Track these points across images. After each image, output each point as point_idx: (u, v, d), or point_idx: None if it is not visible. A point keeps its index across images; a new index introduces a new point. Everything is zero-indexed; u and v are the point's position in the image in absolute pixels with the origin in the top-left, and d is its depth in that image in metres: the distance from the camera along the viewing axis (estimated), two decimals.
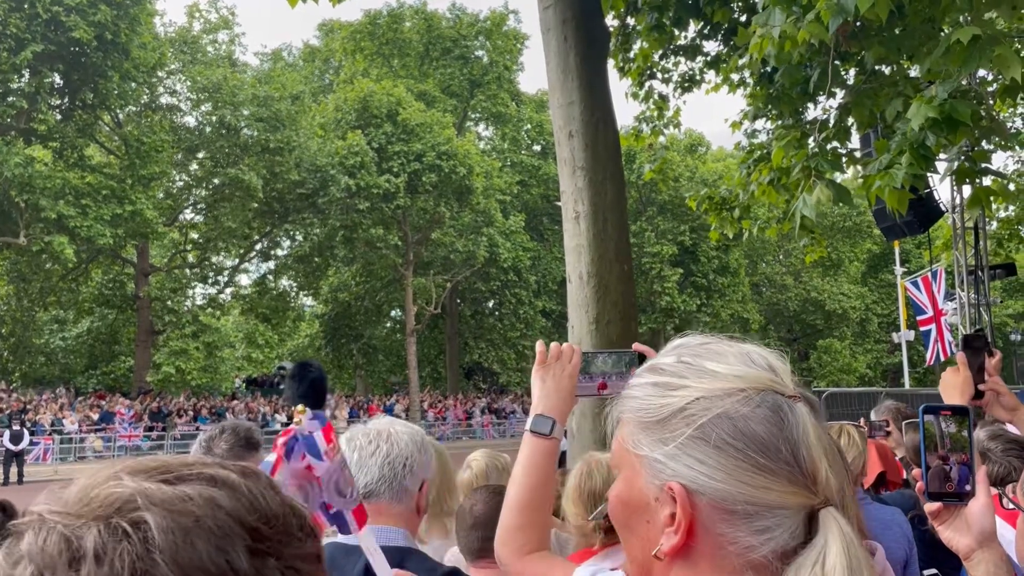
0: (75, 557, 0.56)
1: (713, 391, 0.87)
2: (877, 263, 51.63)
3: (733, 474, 0.83)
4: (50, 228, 27.00)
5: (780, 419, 0.85)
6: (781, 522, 0.83)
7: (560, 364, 1.63)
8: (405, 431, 1.98)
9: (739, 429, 0.84)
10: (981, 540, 1.36)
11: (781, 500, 0.83)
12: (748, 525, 0.83)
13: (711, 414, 0.85)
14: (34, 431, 24.63)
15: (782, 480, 0.83)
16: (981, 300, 14.22)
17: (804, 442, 0.84)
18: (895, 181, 4.82)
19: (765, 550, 0.82)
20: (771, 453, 0.83)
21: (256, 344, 36.29)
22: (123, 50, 27.75)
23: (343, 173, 33.44)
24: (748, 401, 0.86)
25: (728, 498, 0.83)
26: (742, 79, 9.58)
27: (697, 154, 46.83)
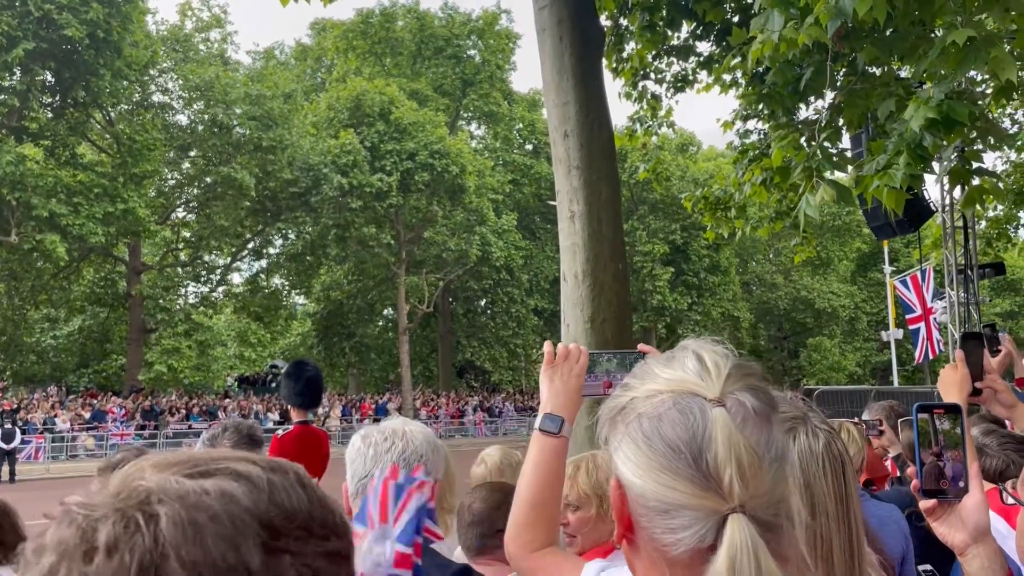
0: (89, 549, 0.57)
1: (644, 393, 0.93)
2: (866, 262, 51.87)
3: (646, 471, 0.88)
4: (42, 226, 26.90)
5: (688, 422, 0.88)
6: (688, 524, 0.85)
7: (568, 364, 1.67)
8: (419, 431, 2.02)
9: (653, 429, 0.89)
10: (976, 536, 1.39)
11: (685, 501, 0.85)
12: (662, 522, 0.87)
13: (635, 414, 0.91)
14: (26, 430, 24.55)
15: (684, 481, 0.86)
16: (970, 299, 14.35)
17: (709, 447, 0.86)
18: (894, 181, 4.89)
19: (680, 549, 0.86)
20: (675, 454, 0.87)
21: (248, 343, 36.28)
22: (115, 48, 27.66)
23: (336, 172, 33.41)
24: (663, 403, 0.90)
25: (643, 494, 0.88)
26: (734, 79, 9.65)
27: (688, 153, 46.98)
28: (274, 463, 0.68)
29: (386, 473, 1.06)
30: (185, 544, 0.57)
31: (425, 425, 2.12)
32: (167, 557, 0.57)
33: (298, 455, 5.92)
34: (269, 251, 39.09)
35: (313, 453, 6.14)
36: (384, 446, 1.96)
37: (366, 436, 2.01)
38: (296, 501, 0.65)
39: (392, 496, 1.02)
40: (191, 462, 0.65)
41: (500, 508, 2.48)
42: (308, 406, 6.38)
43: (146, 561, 0.56)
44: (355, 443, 2.01)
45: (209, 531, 0.59)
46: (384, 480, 1.03)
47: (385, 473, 1.06)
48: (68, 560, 0.57)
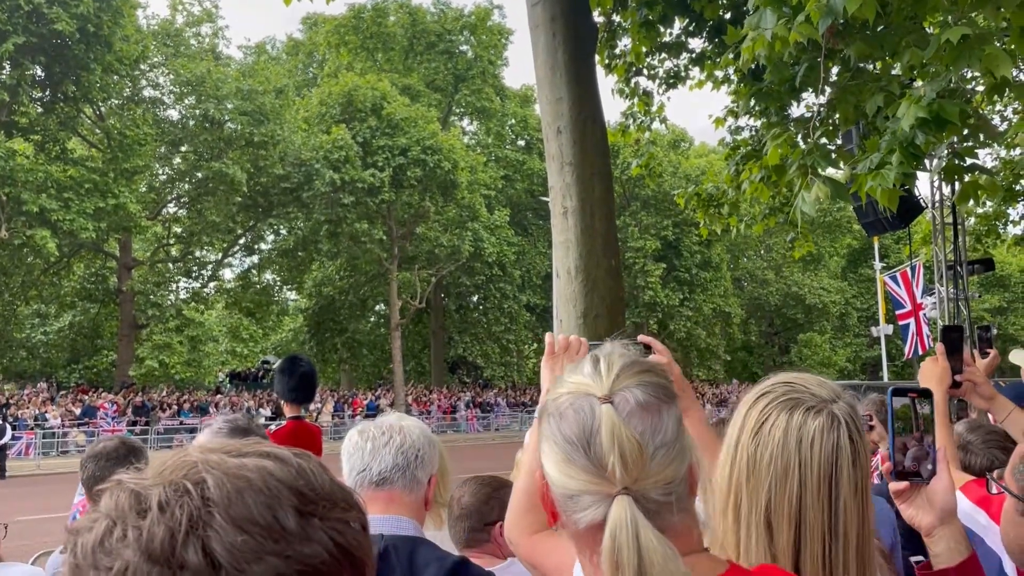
0: (142, 508, 0.65)
1: (554, 396, 1.08)
2: (857, 258, 52.11)
3: (554, 463, 1.03)
4: (32, 222, 26.77)
5: (580, 419, 1.02)
6: (587, 505, 0.99)
7: (568, 355, 1.72)
8: (415, 425, 2.04)
9: (556, 426, 1.04)
10: (943, 517, 1.44)
11: (581, 487, 0.99)
12: (570, 504, 1.01)
13: (546, 414, 1.07)
14: (16, 426, 24.46)
15: (579, 470, 1.00)
16: (960, 295, 14.45)
17: (596, 439, 0.99)
18: (887, 181, 4.94)
19: (582, 525, 1.00)
20: (571, 447, 1.01)
21: (240, 338, 36.20)
22: (105, 43, 27.52)
23: (327, 167, 33.33)
24: (563, 404, 1.05)
25: (554, 482, 1.03)
26: (726, 76, 9.68)
27: (680, 150, 47.05)
28: (299, 451, 0.75)
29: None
30: (230, 504, 0.65)
31: (420, 421, 2.14)
32: (213, 514, 0.65)
33: None
34: (261, 247, 38.98)
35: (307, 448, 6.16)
36: (382, 440, 1.98)
37: (364, 431, 2.02)
38: (321, 479, 0.73)
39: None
40: (228, 447, 0.73)
41: (488, 502, 2.50)
42: (302, 401, 6.39)
43: (195, 516, 0.64)
44: (352, 438, 2.02)
45: (250, 494, 0.67)
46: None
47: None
48: (122, 520, 0.65)
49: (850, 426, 1.29)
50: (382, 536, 1.87)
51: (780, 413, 1.30)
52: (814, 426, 1.28)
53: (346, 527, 0.72)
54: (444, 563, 1.89)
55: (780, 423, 1.29)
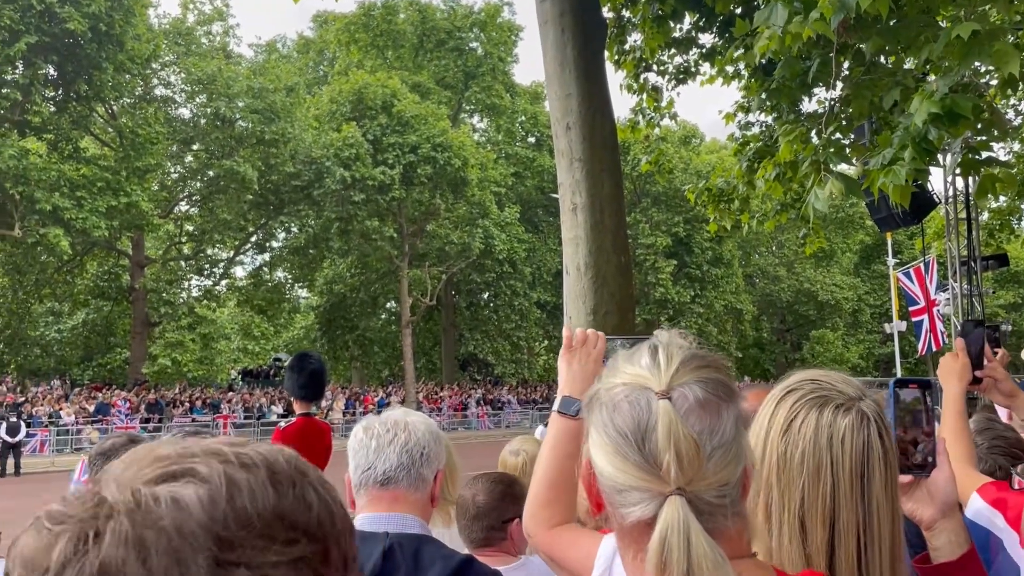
0: (44, 570, 0.57)
1: (607, 385, 1.04)
2: (869, 254, 51.79)
3: (604, 454, 0.99)
4: (45, 220, 26.93)
5: (635, 413, 0.98)
6: (636, 501, 0.97)
7: (586, 349, 1.73)
8: (421, 421, 2.02)
9: (609, 417, 1.00)
10: (944, 510, 1.41)
11: (632, 482, 0.97)
12: (618, 498, 0.99)
13: (599, 403, 1.03)
14: (31, 423, 24.64)
15: (631, 465, 0.97)
16: (974, 290, 14.33)
17: (651, 435, 0.96)
18: (900, 178, 4.88)
19: (630, 520, 0.97)
20: (624, 441, 0.98)
21: (252, 336, 36.34)
22: (117, 42, 27.63)
23: (338, 165, 33.39)
24: (618, 395, 1.01)
25: (603, 473, 1.00)
26: (737, 71, 9.63)
27: (691, 146, 46.88)
28: (248, 458, 0.65)
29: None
30: (127, 565, 0.56)
31: (426, 416, 2.12)
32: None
33: (300, 448, 5.91)
34: (272, 244, 39.11)
35: (316, 446, 6.16)
36: (387, 437, 1.95)
37: (368, 427, 2.00)
38: (261, 504, 0.62)
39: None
40: (164, 460, 0.63)
41: (504, 499, 2.49)
42: (311, 399, 6.40)
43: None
44: (357, 434, 2.00)
45: (154, 548, 0.57)
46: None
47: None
48: (26, 570, 0.57)
49: (879, 424, 1.28)
50: (387, 534, 1.86)
51: (809, 411, 1.29)
52: (844, 424, 1.26)
53: (282, 570, 0.61)
54: (449, 561, 1.87)
55: (810, 421, 1.28)
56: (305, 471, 0.68)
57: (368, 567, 1.80)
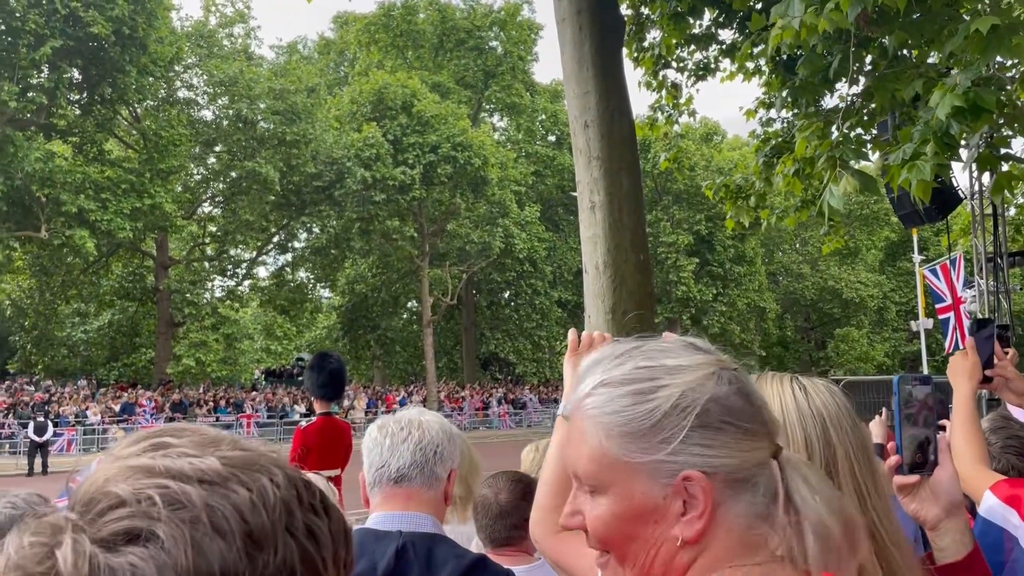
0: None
1: (693, 381, 0.95)
2: (895, 251, 51.20)
3: (735, 447, 0.93)
4: (71, 222, 27.27)
5: (746, 390, 0.96)
6: (768, 475, 0.95)
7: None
8: (435, 420, 2.02)
9: (726, 406, 0.94)
10: (950, 509, 1.38)
11: (764, 455, 0.95)
12: (750, 484, 0.93)
13: (702, 401, 0.93)
14: (58, 423, 24.98)
15: (762, 439, 0.95)
16: (1000, 287, 14.12)
17: (764, 403, 0.98)
18: (923, 173, 4.80)
19: (760, 499, 0.94)
20: (752, 419, 0.95)
21: (274, 336, 36.59)
22: (140, 45, 27.93)
23: (359, 165, 33.55)
24: (720, 380, 0.95)
25: (737, 469, 0.93)
26: (757, 67, 9.55)
27: (712, 143, 46.60)
28: (224, 519, 0.57)
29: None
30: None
31: (441, 415, 2.12)
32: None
33: (321, 446, 5.98)
34: (294, 245, 39.39)
35: (336, 444, 6.20)
36: (401, 436, 1.96)
37: (383, 426, 2.01)
38: (235, 571, 0.55)
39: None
40: (125, 507, 0.56)
41: (526, 497, 2.49)
42: (331, 398, 6.45)
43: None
44: (372, 433, 2.00)
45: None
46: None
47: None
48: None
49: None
50: (400, 533, 1.87)
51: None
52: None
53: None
54: (462, 561, 1.88)
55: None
56: (289, 514, 0.60)
57: (381, 566, 1.81)
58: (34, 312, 34.84)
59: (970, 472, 2.03)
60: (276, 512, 0.59)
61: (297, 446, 5.97)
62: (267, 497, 0.59)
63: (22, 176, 25.67)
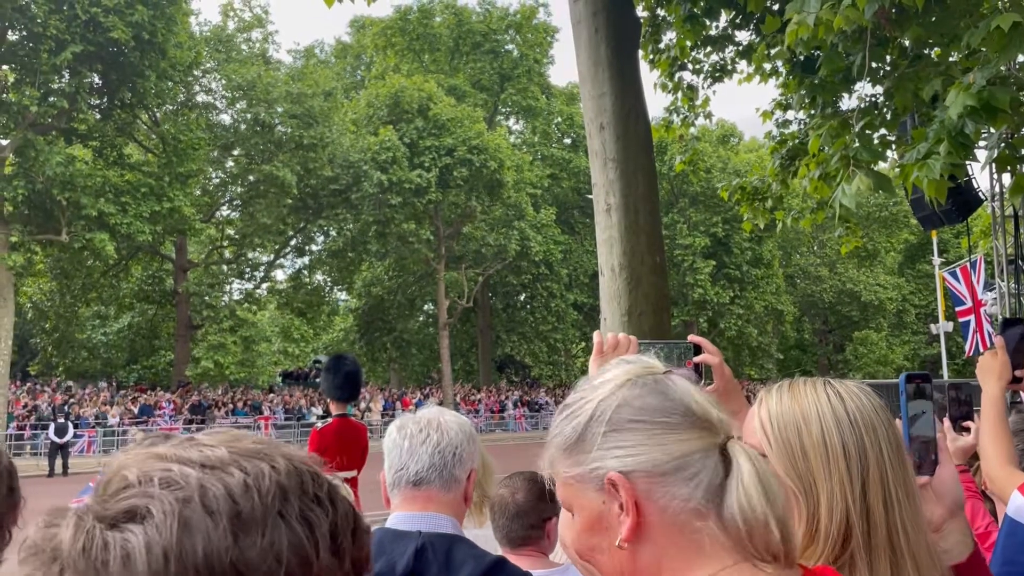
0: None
1: (606, 392, 1.03)
2: (914, 253, 50.77)
3: (650, 442, 0.98)
4: (91, 225, 27.53)
5: (663, 388, 1.02)
6: (702, 463, 0.97)
7: (616, 355, 1.65)
8: (454, 421, 2.00)
9: (637, 407, 1.00)
10: (953, 510, 1.36)
11: (692, 446, 0.97)
12: (679, 477, 0.97)
13: (612, 407, 1.01)
14: (78, 424, 25.21)
15: (685, 429, 0.98)
16: (1021, 290, 13.96)
17: (688, 397, 1.01)
18: (933, 172, 4.76)
19: (699, 494, 0.96)
20: (668, 413, 0.99)
21: (292, 338, 36.76)
22: (160, 50, 28.16)
23: (375, 168, 33.68)
24: (634, 386, 1.02)
25: (657, 462, 0.97)
26: (774, 68, 9.50)
27: (729, 145, 46.40)
28: (214, 499, 0.59)
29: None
30: None
31: (460, 415, 2.10)
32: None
33: (337, 448, 6.00)
34: (311, 248, 39.61)
35: (352, 446, 6.22)
36: (420, 438, 1.95)
37: (402, 427, 2.00)
38: (216, 556, 0.57)
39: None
40: (128, 488, 0.59)
41: (542, 497, 2.50)
42: (347, 399, 6.47)
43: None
44: (391, 434, 2.00)
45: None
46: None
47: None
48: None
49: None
50: (420, 533, 1.87)
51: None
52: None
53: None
54: (481, 562, 1.87)
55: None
56: (284, 502, 0.61)
57: (400, 565, 1.81)
58: (55, 315, 35.21)
59: (998, 472, 2.01)
60: (269, 496, 0.60)
61: (313, 447, 5.99)
62: (262, 481, 0.61)
63: (43, 180, 25.95)
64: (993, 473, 2.03)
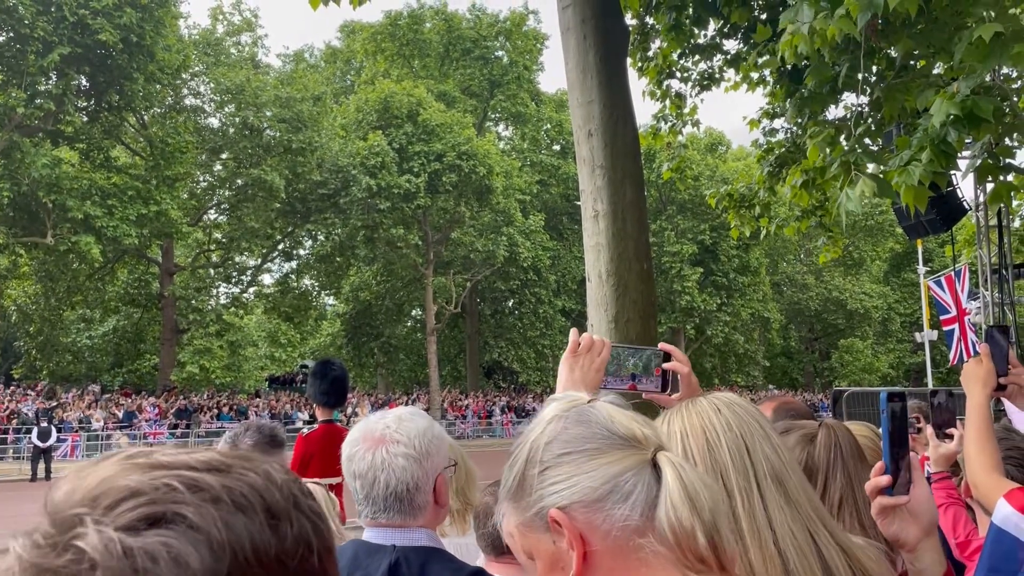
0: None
1: (538, 432, 1.04)
2: (900, 262, 51.16)
3: (579, 471, 0.98)
4: (77, 228, 27.37)
5: (584, 417, 1.02)
6: (635, 481, 0.97)
7: (590, 356, 1.65)
8: (400, 452, 1.88)
9: (563, 440, 1.01)
10: (928, 529, 1.36)
11: (621, 466, 0.97)
12: (614, 499, 0.96)
13: (542, 445, 1.02)
14: (61, 428, 24.99)
15: (612, 451, 0.98)
16: (1005, 299, 14.08)
17: (609, 419, 1.01)
18: (912, 179, 4.80)
19: (636, 512, 0.95)
20: (591, 439, 1.00)
21: (279, 343, 36.62)
22: (148, 52, 28.06)
23: (364, 173, 33.63)
24: (559, 420, 1.03)
25: (588, 490, 0.97)
26: (762, 77, 9.56)
27: (717, 153, 46.63)
28: (243, 496, 0.58)
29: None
30: None
31: (417, 415, 2.01)
32: None
33: (323, 453, 5.97)
34: (299, 252, 39.48)
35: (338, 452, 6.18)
36: (368, 480, 1.88)
37: (350, 459, 1.93)
38: (264, 553, 0.57)
39: None
40: (140, 495, 0.55)
41: None
42: (334, 405, 6.44)
43: None
44: (346, 466, 1.93)
45: None
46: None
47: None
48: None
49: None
50: (395, 547, 1.83)
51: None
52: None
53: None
54: (460, 574, 1.85)
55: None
56: (294, 495, 0.63)
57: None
58: (39, 318, 34.92)
59: (983, 479, 2.02)
60: (285, 490, 0.62)
61: (299, 453, 5.97)
62: (274, 478, 0.62)
63: (29, 182, 25.78)
64: (978, 480, 2.04)
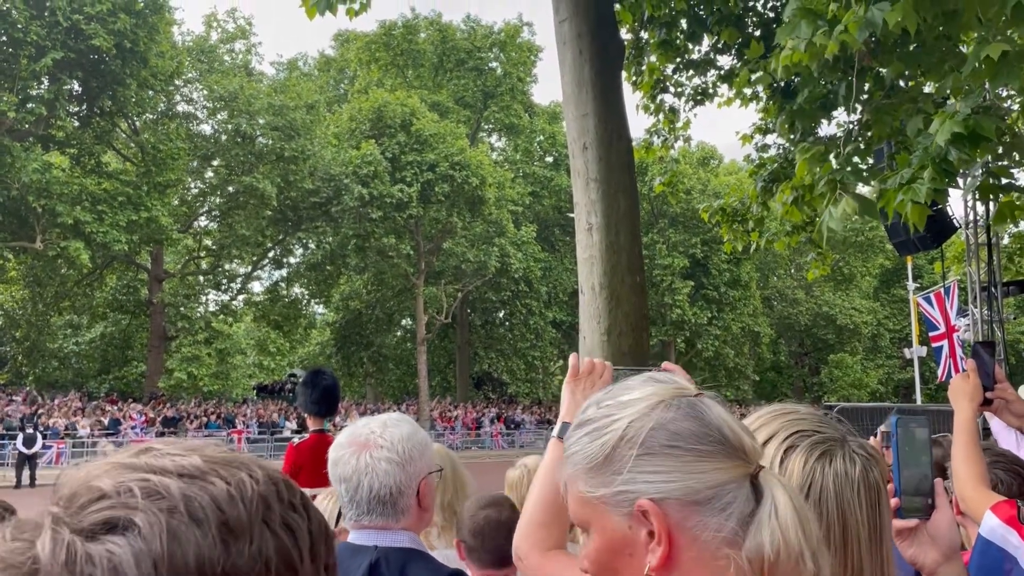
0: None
1: (638, 412, 0.98)
2: (889, 278, 51.42)
3: (685, 469, 0.94)
4: (66, 233, 27.23)
5: (698, 412, 0.97)
6: (735, 494, 0.94)
7: (591, 379, 1.69)
8: (383, 456, 1.91)
9: (672, 431, 0.95)
10: (948, 554, 1.36)
11: (727, 476, 0.94)
12: (712, 507, 0.93)
13: (646, 430, 0.96)
14: (47, 434, 24.77)
15: (720, 458, 0.95)
16: (994, 316, 14.16)
17: (723, 422, 0.97)
18: (918, 196, 4.82)
19: (731, 524, 0.92)
20: (703, 439, 0.95)
21: (267, 351, 36.47)
22: (141, 58, 28.03)
23: (356, 182, 33.62)
24: (668, 408, 0.97)
25: (690, 491, 0.94)
26: (755, 93, 9.62)
27: (709, 167, 46.85)
28: (200, 508, 0.58)
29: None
30: None
31: (402, 422, 2.01)
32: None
33: (313, 463, 5.93)
34: (289, 260, 39.40)
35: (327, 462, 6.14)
36: (352, 484, 1.90)
37: (336, 464, 1.94)
38: (208, 566, 0.57)
39: None
40: (106, 499, 0.57)
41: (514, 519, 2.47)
42: (324, 414, 6.39)
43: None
44: (332, 470, 1.95)
45: None
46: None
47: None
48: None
49: (869, 462, 1.22)
50: (376, 547, 1.86)
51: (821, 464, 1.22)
52: (856, 472, 1.20)
53: None
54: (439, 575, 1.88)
55: (827, 475, 1.21)
56: (267, 509, 0.62)
57: None
58: (26, 323, 34.70)
59: (971, 493, 2.03)
60: (253, 504, 0.60)
61: (288, 463, 5.93)
62: (244, 490, 0.61)
63: (19, 186, 25.66)
64: (966, 494, 2.05)
